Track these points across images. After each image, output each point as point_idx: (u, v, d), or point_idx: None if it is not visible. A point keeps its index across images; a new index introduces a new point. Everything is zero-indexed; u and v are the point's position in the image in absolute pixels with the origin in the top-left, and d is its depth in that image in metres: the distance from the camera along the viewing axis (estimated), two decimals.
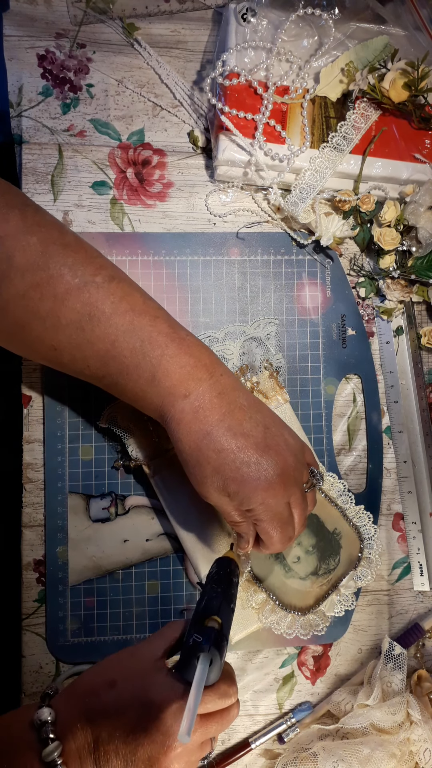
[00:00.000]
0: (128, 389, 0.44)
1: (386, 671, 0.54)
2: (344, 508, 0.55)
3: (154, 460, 0.53)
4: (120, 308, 0.43)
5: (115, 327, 0.43)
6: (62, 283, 0.42)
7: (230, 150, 0.55)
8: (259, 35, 0.54)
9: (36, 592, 0.54)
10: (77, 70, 0.57)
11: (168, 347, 0.43)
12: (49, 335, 0.43)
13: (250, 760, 0.56)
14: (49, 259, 0.42)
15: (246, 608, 0.53)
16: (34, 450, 0.55)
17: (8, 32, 0.56)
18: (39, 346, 0.44)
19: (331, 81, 0.55)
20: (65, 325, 0.42)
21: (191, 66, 0.59)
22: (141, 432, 0.53)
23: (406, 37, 0.56)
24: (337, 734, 0.54)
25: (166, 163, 0.58)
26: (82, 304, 0.42)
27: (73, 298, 0.42)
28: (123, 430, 0.53)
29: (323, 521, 0.54)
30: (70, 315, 0.42)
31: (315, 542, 0.54)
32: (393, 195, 0.57)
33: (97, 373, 0.44)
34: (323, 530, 0.54)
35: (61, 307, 0.42)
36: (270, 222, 0.59)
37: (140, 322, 0.43)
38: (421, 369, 0.60)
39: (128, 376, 0.43)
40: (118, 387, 0.45)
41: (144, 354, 0.43)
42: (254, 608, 0.53)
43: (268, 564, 0.54)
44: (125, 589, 0.55)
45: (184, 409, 0.43)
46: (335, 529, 0.55)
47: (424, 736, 0.51)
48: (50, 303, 0.42)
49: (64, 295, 0.42)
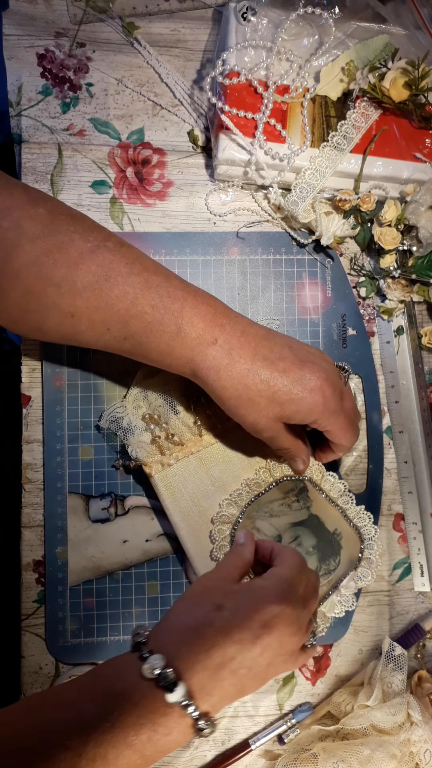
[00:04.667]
0: (153, 348, 0.44)
1: (387, 672, 0.54)
2: (345, 509, 0.55)
3: (153, 459, 0.53)
4: (135, 268, 0.44)
5: (133, 285, 0.43)
6: (75, 248, 0.42)
7: (230, 149, 0.54)
8: (260, 34, 0.54)
9: (35, 592, 0.54)
10: (77, 69, 0.57)
11: (187, 299, 0.44)
12: (66, 301, 0.43)
13: (250, 761, 0.56)
14: (59, 227, 0.43)
15: None
16: (34, 450, 0.55)
17: (8, 31, 0.56)
18: (54, 315, 0.43)
19: (331, 80, 0.55)
20: (81, 288, 0.42)
21: (191, 65, 0.59)
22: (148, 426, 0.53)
23: (406, 36, 0.56)
24: (337, 735, 0.54)
25: (165, 162, 0.58)
26: (97, 266, 0.43)
27: (88, 261, 0.42)
28: (124, 428, 0.53)
29: (323, 521, 0.54)
30: (86, 278, 0.42)
31: (315, 543, 0.54)
32: (393, 194, 0.57)
33: (119, 336, 0.44)
34: (323, 531, 0.54)
35: (75, 271, 0.42)
36: (270, 221, 0.59)
37: (156, 280, 0.44)
38: (422, 369, 0.59)
39: (152, 334, 0.44)
40: (142, 347, 0.44)
41: (165, 308, 0.44)
42: None
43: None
44: (125, 589, 0.55)
45: (216, 356, 0.44)
46: (335, 529, 0.54)
47: (425, 737, 0.51)
48: (64, 268, 0.42)
49: (78, 259, 0.42)
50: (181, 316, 0.44)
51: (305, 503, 0.54)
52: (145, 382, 0.53)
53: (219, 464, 0.53)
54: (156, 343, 0.44)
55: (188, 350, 0.44)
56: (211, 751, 0.55)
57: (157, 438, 0.52)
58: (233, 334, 0.45)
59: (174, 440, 0.53)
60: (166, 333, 0.44)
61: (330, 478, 0.55)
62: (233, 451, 0.54)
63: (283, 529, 0.54)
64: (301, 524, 0.54)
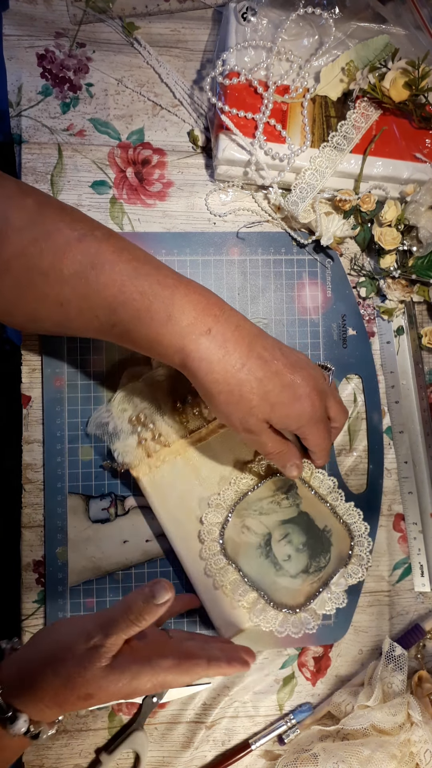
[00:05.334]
0: (142, 335, 0.43)
1: (387, 672, 0.54)
2: (334, 506, 0.55)
3: (141, 462, 0.53)
4: (123, 257, 0.43)
5: (120, 273, 0.43)
6: (61, 237, 0.42)
7: (230, 149, 0.54)
8: (260, 34, 0.54)
9: (36, 593, 0.54)
10: (77, 70, 0.57)
11: (178, 288, 0.43)
12: (54, 290, 0.42)
13: (250, 761, 0.56)
14: (46, 217, 0.42)
15: (236, 608, 0.53)
16: (34, 450, 0.55)
17: (8, 31, 0.56)
18: (45, 305, 0.43)
19: (331, 80, 0.55)
20: (68, 276, 0.42)
21: (191, 65, 0.59)
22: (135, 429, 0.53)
23: (406, 36, 0.56)
24: (337, 735, 0.54)
25: (165, 162, 0.58)
26: (83, 255, 0.42)
27: (74, 249, 0.42)
28: (110, 433, 0.53)
29: (313, 518, 0.54)
30: (73, 266, 0.42)
31: (305, 540, 0.54)
32: (394, 194, 0.57)
33: (107, 323, 0.43)
34: (313, 528, 0.54)
35: (62, 259, 0.42)
36: (270, 221, 0.59)
37: (146, 269, 0.43)
38: (422, 369, 0.59)
39: (141, 321, 0.43)
40: (131, 335, 0.44)
41: (155, 295, 0.43)
42: (245, 607, 0.53)
43: (258, 563, 0.53)
44: (125, 590, 0.55)
45: (210, 347, 0.43)
46: (325, 526, 0.55)
47: (425, 737, 0.51)
48: (50, 257, 0.42)
49: (64, 247, 0.42)
50: (171, 303, 0.43)
51: (294, 500, 0.54)
52: (130, 385, 0.53)
53: (206, 464, 0.54)
54: (145, 331, 0.43)
55: (179, 338, 0.43)
56: (212, 752, 0.55)
57: (143, 440, 0.53)
58: (227, 327, 0.44)
59: (161, 440, 0.53)
60: (156, 320, 0.43)
61: (319, 475, 0.55)
62: (221, 450, 0.54)
63: (272, 526, 0.54)
64: (290, 521, 0.54)
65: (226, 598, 0.53)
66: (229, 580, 0.52)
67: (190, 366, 0.43)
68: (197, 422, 0.53)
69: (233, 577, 0.53)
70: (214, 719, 0.56)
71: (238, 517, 0.53)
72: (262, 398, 0.44)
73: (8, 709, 0.38)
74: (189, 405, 0.53)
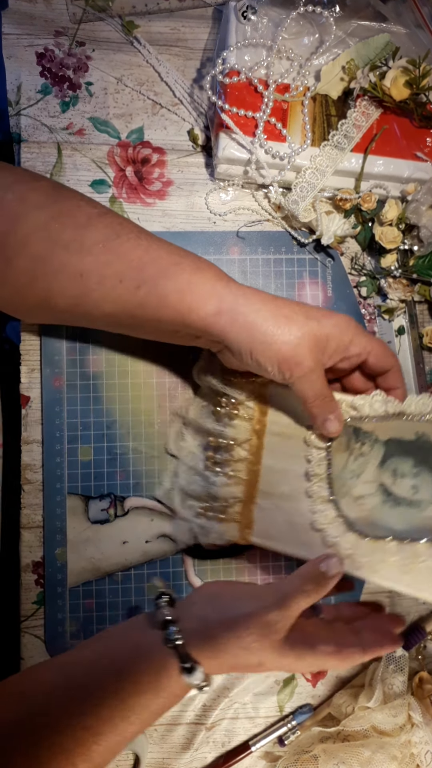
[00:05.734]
0: (170, 288, 0.43)
1: (387, 673, 0.54)
2: (407, 412, 0.48)
3: (233, 533, 0.51)
4: (143, 231, 0.45)
5: (145, 238, 0.44)
6: (82, 212, 0.43)
7: (230, 148, 0.54)
8: (260, 33, 0.54)
9: (35, 594, 0.54)
10: (76, 68, 0.57)
11: (198, 259, 0.45)
12: (75, 260, 0.43)
13: (250, 763, 0.55)
14: (64, 196, 0.44)
15: (409, 572, 0.47)
16: (33, 451, 0.55)
17: (7, 30, 0.56)
18: (63, 277, 0.43)
19: (332, 79, 0.55)
20: (91, 246, 0.43)
21: (191, 64, 0.58)
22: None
23: (407, 35, 0.55)
24: (338, 737, 0.54)
25: (165, 161, 0.57)
26: (106, 227, 0.44)
27: (96, 222, 0.43)
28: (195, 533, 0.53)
29: (400, 437, 0.48)
30: (95, 236, 0.43)
31: (412, 461, 0.47)
32: (394, 193, 0.57)
33: (132, 285, 0.43)
34: (407, 444, 0.48)
35: (84, 232, 0.43)
36: (270, 221, 0.58)
37: (165, 242, 0.45)
38: (423, 369, 0.59)
39: (169, 275, 0.43)
40: (158, 290, 0.43)
41: (181, 254, 0.44)
42: (422, 561, 0.46)
43: (396, 515, 0.48)
44: (124, 591, 0.54)
45: (243, 287, 0.44)
46: (416, 434, 0.48)
47: (426, 739, 0.51)
48: (72, 230, 0.43)
49: (86, 222, 0.43)
50: (198, 260, 0.44)
51: (371, 439, 0.49)
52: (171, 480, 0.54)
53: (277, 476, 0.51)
54: (173, 283, 0.43)
55: (211, 283, 0.43)
56: (212, 753, 0.55)
57: (204, 510, 0.51)
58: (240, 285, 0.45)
59: (225, 504, 0.51)
60: (185, 272, 0.43)
61: (378, 397, 0.49)
62: (282, 448, 0.51)
63: (376, 476, 0.49)
64: (384, 458, 0.49)
65: (394, 570, 0.47)
66: (391, 555, 0.47)
67: (227, 303, 0.43)
68: (246, 425, 0.51)
69: (392, 547, 0.47)
70: (214, 721, 0.55)
71: (343, 497, 0.49)
72: (306, 316, 0.43)
73: (188, 659, 0.39)
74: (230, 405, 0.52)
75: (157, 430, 0.55)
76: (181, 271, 0.43)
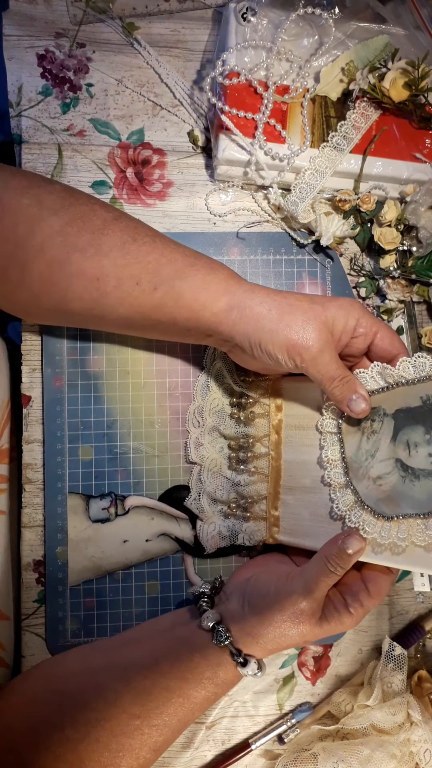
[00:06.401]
0: (186, 287, 0.44)
1: (386, 672, 0.54)
2: (407, 376, 0.46)
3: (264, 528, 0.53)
4: (158, 234, 0.46)
5: (161, 241, 0.45)
6: (98, 217, 0.44)
7: (230, 149, 0.54)
8: (259, 34, 0.54)
9: (35, 592, 0.54)
10: (77, 70, 0.57)
11: (211, 261, 0.47)
12: (92, 264, 0.43)
13: (250, 761, 0.56)
14: (79, 200, 0.45)
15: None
16: (34, 450, 0.55)
17: (8, 32, 0.56)
18: (79, 282, 0.44)
19: (331, 80, 0.55)
20: (108, 250, 0.44)
21: (191, 65, 0.59)
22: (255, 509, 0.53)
23: (406, 36, 0.56)
24: (337, 735, 0.54)
25: (165, 162, 0.58)
26: (122, 231, 0.44)
27: (112, 226, 0.44)
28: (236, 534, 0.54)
29: (408, 405, 0.46)
30: (112, 241, 0.44)
31: (424, 428, 0.45)
32: (393, 194, 0.57)
33: (149, 287, 0.44)
34: (417, 411, 0.45)
35: (100, 237, 0.44)
36: (270, 222, 0.59)
37: (179, 244, 0.47)
38: None
39: (185, 275, 0.44)
40: (174, 291, 0.44)
41: (196, 256, 0.46)
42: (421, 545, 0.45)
43: (420, 489, 0.45)
44: (125, 589, 0.55)
45: (251, 284, 0.46)
46: (423, 398, 0.45)
47: (425, 737, 0.51)
48: (89, 235, 0.43)
49: (102, 226, 0.44)
50: (211, 261, 0.46)
51: (380, 414, 0.47)
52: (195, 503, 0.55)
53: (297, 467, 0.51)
54: (189, 282, 0.44)
55: (224, 282, 0.45)
56: (211, 751, 0.56)
57: (232, 510, 0.54)
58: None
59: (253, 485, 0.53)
60: (200, 272, 0.45)
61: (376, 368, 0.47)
62: (298, 439, 0.51)
63: (391, 451, 0.46)
64: (396, 431, 0.46)
65: (420, 551, 0.45)
66: (416, 534, 0.44)
67: (237, 298, 0.44)
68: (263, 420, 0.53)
69: (417, 525, 0.45)
70: (214, 719, 0.56)
71: (361, 480, 0.47)
72: (311, 301, 0.45)
73: (239, 654, 0.45)
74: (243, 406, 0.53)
75: (157, 429, 0.56)
76: (196, 272, 0.45)
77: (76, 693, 0.43)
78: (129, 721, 0.42)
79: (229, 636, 0.45)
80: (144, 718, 0.42)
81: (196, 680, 0.44)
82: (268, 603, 0.45)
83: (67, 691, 0.43)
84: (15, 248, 0.43)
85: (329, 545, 0.45)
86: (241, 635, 0.45)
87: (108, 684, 0.43)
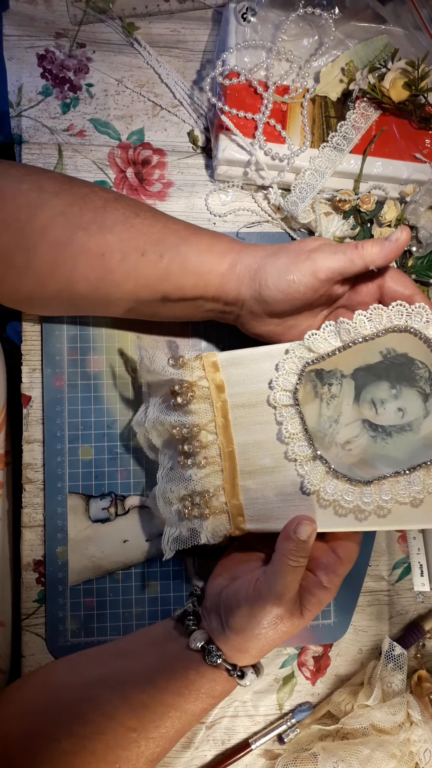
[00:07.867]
0: (192, 250, 0.46)
1: (386, 672, 0.54)
2: (373, 332, 0.43)
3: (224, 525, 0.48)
4: (160, 211, 0.47)
5: (162, 216, 0.47)
6: (98, 197, 0.45)
7: (230, 149, 0.54)
8: (259, 35, 0.54)
9: (36, 592, 0.54)
10: (77, 70, 0.57)
11: (214, 231, 0.48)
12: (96, 241, 0.44)
13: (250, 761, 0.56)
14: (78, 183, 0.46)
15: None
16: (34, 450, 0.55)
17: (8, 32, 0.56)
18: (84, 260, 0.44)
19: (331, 80, 0.55)
20: (111, 225, 0.45)
21: (191, 65, 0.59)
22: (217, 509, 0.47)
23: (406, 36, 0.56)
24: (337, 735, 0.54)
25: (165, 162, 0.58)
26: (124, 208, 0.46)
27: (113, 204, 0.45)
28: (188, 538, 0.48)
29: (367, 362, 0.43)
30: (114, 216, 0.45)
31: (389, 382, 0.43)
32: (393, 195, 0.57)
33: (155, 256, 0.45)
34: (379, 367, 0.43)
35: (103, 214, 0.45)
36: (270, 222, 0.59)
37: (181, 220, 0.48)
38: None
39: (189, 241, 0.46)
40: (180, 256, 0.45)
41: (197, 227, 0.48)
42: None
43: (396, 444, 0.43)
44: (125, 589, 0.55)
45: (255, 245, 0.47)
46: (383, 352, 0.43)
47: (425, 737, 0.51)
48: (91, 213, 0.44)
49: (103, 204, 0.45)
50: (214, 232, 0.48)
51: (338, 378, 0.45)
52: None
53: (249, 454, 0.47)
54: (194, 247, 0.46)
55: (227, 243, 0.46)
56: (211, 751, 0.56)
57: (187, 509, 0.47)
58: None
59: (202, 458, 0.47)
60: (204, 237, 0.46)
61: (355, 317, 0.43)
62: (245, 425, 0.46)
63: (356, 412, 0.44)
64: (358, 392, 0.44)
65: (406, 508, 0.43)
66: (399, 492, 0.42)
67: (242, 255, 0.46)
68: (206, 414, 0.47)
69: (399, 482, 0.43)
70: (214, 719, 0.56)
71: (328, 448, 0.44)
72: (298, 251, 0.45)
73: (234, 668, 0.45)
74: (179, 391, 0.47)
75: None
76: (200, 238, 0.46)
77: (72, 705, 0.43)
78: (126, 734, 0.41)
79: (220, 654, 0.44)
80: (141, 731, 0.42)
81: (193, 695, 0.44)
82: (244, 620, 0.44)
83: (63, 703, 0.43)
84: (18, 233, 0.43)
85: (282, 542, 0.43)
86: (231, 652, 0.44)
87: (105, 697, 0.43)
